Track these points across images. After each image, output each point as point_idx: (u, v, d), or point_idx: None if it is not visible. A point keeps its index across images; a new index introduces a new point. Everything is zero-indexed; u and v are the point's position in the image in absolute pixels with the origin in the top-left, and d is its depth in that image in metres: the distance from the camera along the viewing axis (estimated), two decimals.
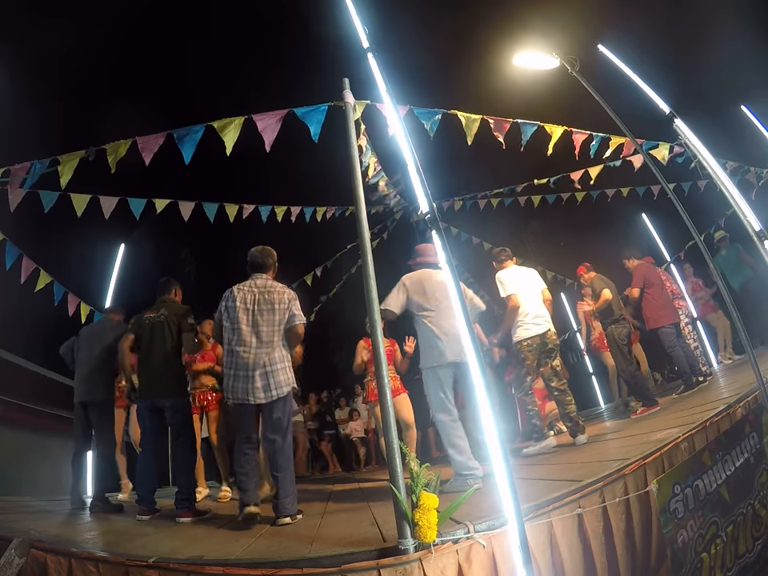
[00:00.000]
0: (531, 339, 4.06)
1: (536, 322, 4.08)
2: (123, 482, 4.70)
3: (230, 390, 2.89)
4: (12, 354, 8.20)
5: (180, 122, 3.00)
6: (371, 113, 3.18)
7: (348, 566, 1.82)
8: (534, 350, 4.07)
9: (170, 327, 3.48)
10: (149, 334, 3.47)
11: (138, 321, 3.57)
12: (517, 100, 4.89)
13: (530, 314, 4.09)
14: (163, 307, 3.57)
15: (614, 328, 4.87)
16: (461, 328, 2.13)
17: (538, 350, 4.08)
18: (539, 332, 4.06)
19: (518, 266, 4.47)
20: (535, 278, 4.32)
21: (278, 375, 2.87)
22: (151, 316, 3.53)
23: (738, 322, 3.31)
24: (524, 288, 4.16)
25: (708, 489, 2.36)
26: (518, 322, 4.12)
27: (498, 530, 1.91)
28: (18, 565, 2.17)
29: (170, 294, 3.72)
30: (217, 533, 2.78)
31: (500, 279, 4.22)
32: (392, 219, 7.56)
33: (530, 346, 4.07)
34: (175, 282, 3.79)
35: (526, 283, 4.21)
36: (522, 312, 4.10)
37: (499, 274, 4.27)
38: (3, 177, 3.29)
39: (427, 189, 2.40)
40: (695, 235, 3.70)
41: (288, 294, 3.04)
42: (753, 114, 6.39)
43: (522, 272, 4.32)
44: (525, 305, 4.11)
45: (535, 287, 4.23)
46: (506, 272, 4.28)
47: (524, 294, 4.13)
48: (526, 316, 4.09)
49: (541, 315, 4.10)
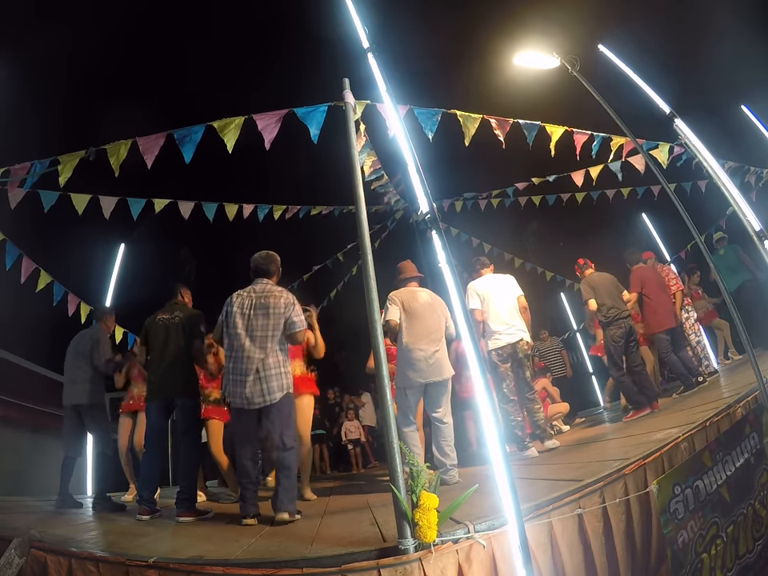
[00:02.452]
0: (502, 349, 4.11)
1: (508, 332, 4.11)
2: (132, 486, 4.71)
3: (229, 394, 2.91)
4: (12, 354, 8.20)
5: (180, 122, 3.00)
6: (371, 113, 3.18)
7: (348, 566, 1.82)
8: (505, 359, 4.11)
9: (184, 330, 3.51)
10: (163, 335, 3.50)
11: (150, 322, 3.60)
12: (517, 100, 4.88)
13: (501, 323, 4.12)
14: (177, 309, 3.61)
15: (610, 329, 4.84)
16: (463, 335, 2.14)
17: (510, 358, 4.12)
18: (510, 341, 4.10)
19: (515, 270, 4.49)
20: (511, 285, 4.32)
21: (270, 381, 2.85)
22: (165, 317, 3.56)
23: (739, 321, 3.31)
24: (496, 297, 4.18)
25: (708, 489, 2.36)
26: (488, 333, 4.16)
27: (497, 530, 1.91)
28: (18, 565, 2.17)
29: (180, 298, 3.78)
30: (217, 533, 2.78)
31: (468, 291, 4.27)
32: (392, 219, 7.56)
33: (501, 355, 4.11)
34: (183, 286, 3.85)
35: (499, 292, 4.22)
36: (493, 322, 4.14)
37: (470, 285, 4.32)
38: (3, 177, 3.29)
39: (427, 189, 2.40)
40: (695, 235, 3.70)
41: (285, 298, 3.01)
42: (753, 114, 6.40)
43: (497, 280, 4.34)
44: (496, 315, 4.14)
45: (510, 295, 4.23)
46: (476, 283, 4.32)
47: (495, 304, 4.16)
48: (497, 326, 4.12)
49: (512, 325, 4.12)
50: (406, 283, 3.70)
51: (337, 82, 2.80)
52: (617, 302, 4.84)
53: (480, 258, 4.55)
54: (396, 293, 3.60)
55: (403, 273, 3.76)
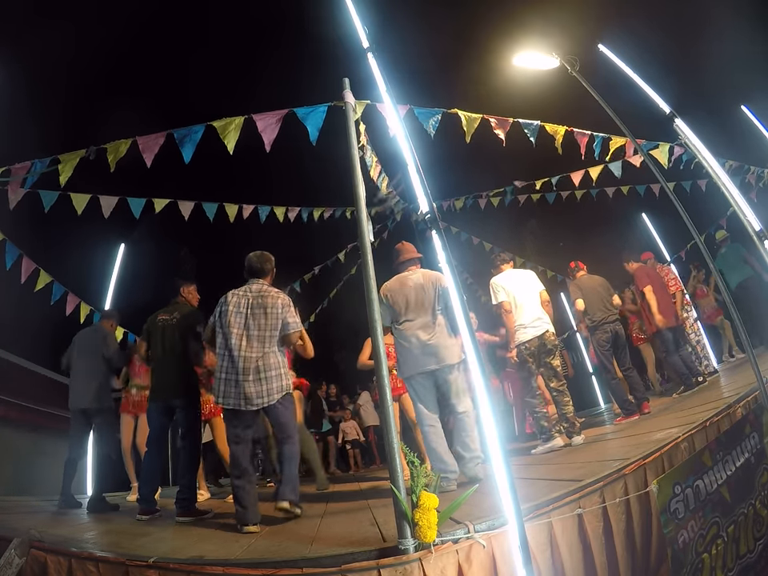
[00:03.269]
0: (529, 342, 4.08)
1: (533, 325, 4.08)
2: (134, 485, 4.72)
3: (222, 395, 2.83)
4: (12, 354, 8.20)
5: (180, 122, 3.00)
6: (371, 113, 3.18)
7: (348, 566, 1.82)
8: (533, 353, 4.09)
9: (182, 330, 3.51)
10: (161, 336, 3.50)
11: (150, 322, 3.60)
12: (517, 100, 4.88)
13: (527, 317, 4.09)
14: (176, 310, 3.61)
15: (596, 333, 4.84)
16: (462, 329, 2.13)
17: (537, 352, 4.10)
18: (537, 334, 4.07)
19: (515, 268, 4.47)
20: (532, 279, 4.29)
21: (271, 382, 2.84)
22: (164, 318, 3.57)
23: (739, 321, 3.31)
24: (520, 292, 4.15)
25: (708, 489, 2.36)
26: (515, 327, 4.12)
27: (498, 530, 1.90)
28: (18, 565, 2.17)
29: (180, 297, 3.77)
30: (217, 533, 2.77)
31: (493, 285, 4.24)
32: (392, 219, 7.56)
33: (528, 349, 4.09)
34: (185, 283, 3.84)
35: (522, 286, 4.19)
36: (519, 316, 4.10)
37: (493, 280, 4.28)
38: (3, 176, 3.29)
39: (427, 189, 2.40)
40: (695, 235, 3.70)
41: (282, 299, 3.00)
42: (753, 114, 6.40)
43: (518, 275, 4.31)
44: (521, 309, 4.11)
45: (532, 289, 4.21)
46: (499, 277, 4.28)
47: (520, 298, 4.13)
48: (523, 320, 4.09)
49: (538, 317, 4.10)
50: (406, 267, 3.48)
51: (337, 81, 2.79)
52: (605, 305, 4.84)
53: (500, 254, 4.49)
54: (383, 288, 3.39)
55: (401, 256, 3.53)
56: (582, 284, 4.98)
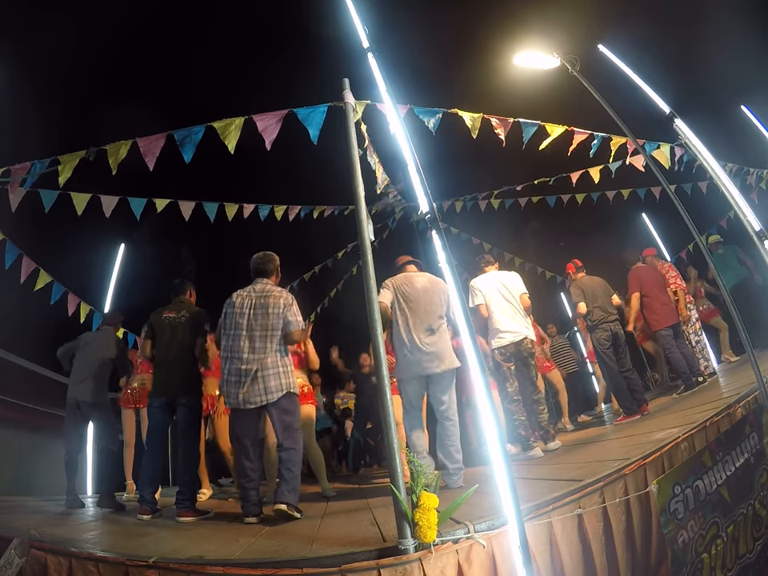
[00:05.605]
0: (505, 348, 4.04)
1: (510, 330, 4.04)
2: (128, 483, 4.72)
3: (226, 395, 2.91)
4: (12, 353, 8.20)
5: (180, 123, 3.00)
6: (372, 113, 3.18)
7: (348, 566, 1.82)
8: (508, 358, 4.05)
9: (191, 329, 3.52)
10: (168, 333, 3.50)
11: (155, 319, 3.59)
12: (517, 100, 4.88)
13: (504, 322, 4.05)
14: (184, 308, 3.61)
15: (596, 333, 4.83)
16: (462, 333, 2.14)
17: (513, 357, 4.06)
18: (514, 340, 4.02)
19: (514, 269, 4.46)
20: (515, 283, 4.21)
21: (268, 381, 2.85)
22: (171, 316, 3.56)
23: (738, 321, 3.31)
24: (497, 295, 4.10)
25: (708, 489, 2.36)
26: (492, 331, 4.09)
27: (498, 530, 1.91)
28: (18, 565, 2.17)
29: (186, 296, 3.78)
30: (217, 533, 2.78)
31: (471, 287, 4.20)
32: (392, 219, 7.56)
33: (504, 354, 4.05)
34: (189, 283, 3.86)
35: (502, 290, 4.13)
36: (496, 320, 4.07)
37: (472, 282, 4.25)
38: (3, 177, 3.29)
39: (427, 189, 2.40)
40: (696, 236, 3.70)
41: (284, 298, 3.02)
42: (753, 114, 6.40)
43: (500, 277, 4.23)
44: (498, 313, 4.07)
45: (513, 293, 4.14)
46: (478, 279, 4.24)
47: (496, 302, 4.08)
48: (499, 324, 4.05)
49: (515, 323, 4.05)
50: (404, 268, 3.54)
51: (337, 81, 2.80)
52: (604, 305, 4.84)
53: (485, 256, 4.47)
54: (390, 278, 3.42)
55: (398, 261, 3.63)
56: (582, 285, 4.96)
